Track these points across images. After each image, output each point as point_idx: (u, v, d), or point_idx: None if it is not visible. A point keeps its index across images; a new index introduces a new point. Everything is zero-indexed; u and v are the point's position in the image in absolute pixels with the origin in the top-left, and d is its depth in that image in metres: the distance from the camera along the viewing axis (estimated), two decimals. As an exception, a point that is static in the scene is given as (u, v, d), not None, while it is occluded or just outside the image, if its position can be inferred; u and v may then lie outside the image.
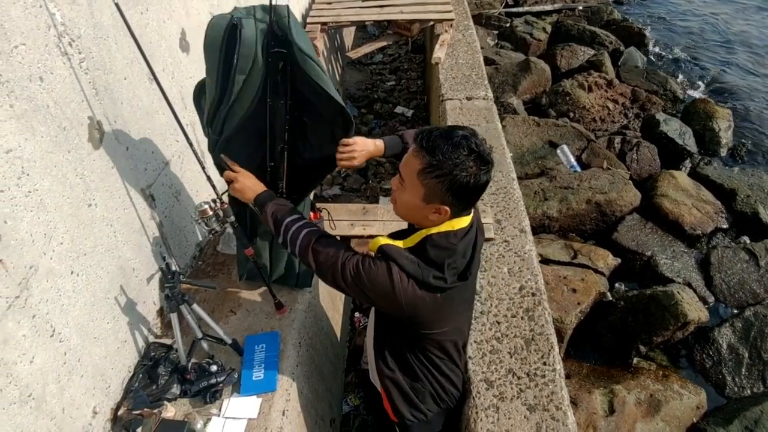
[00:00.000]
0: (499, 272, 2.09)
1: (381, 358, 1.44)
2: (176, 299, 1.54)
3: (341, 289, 1.28)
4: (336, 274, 1.24)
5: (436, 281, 1.20)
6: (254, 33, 1.36)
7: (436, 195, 1.16)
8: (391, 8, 4.22)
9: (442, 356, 1.40)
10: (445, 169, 1.12)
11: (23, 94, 1.24)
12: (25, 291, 1.24)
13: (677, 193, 4.04)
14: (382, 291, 1.20)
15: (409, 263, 1.19)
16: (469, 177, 1.13)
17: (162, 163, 1.92)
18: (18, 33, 1.22)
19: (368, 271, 1.20)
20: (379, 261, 1.21)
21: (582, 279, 3.32)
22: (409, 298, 1.19)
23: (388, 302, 1.22)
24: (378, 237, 1.27)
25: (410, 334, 1.33)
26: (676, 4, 8.73)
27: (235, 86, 1.40)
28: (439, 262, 1.20)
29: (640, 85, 5.54)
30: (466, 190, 1.16)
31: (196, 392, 1.63)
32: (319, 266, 1.29)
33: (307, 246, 1.30)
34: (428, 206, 1.19)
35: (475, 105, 3.19)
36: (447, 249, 1.21)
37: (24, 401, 1.22)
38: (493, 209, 2.38)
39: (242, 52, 1.36)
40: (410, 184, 1.19)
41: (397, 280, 1.18)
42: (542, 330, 1.87)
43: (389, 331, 1.41)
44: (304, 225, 1.35)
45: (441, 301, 1.24)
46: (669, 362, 3.15)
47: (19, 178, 1.23)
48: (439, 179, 1.14)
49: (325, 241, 1.30)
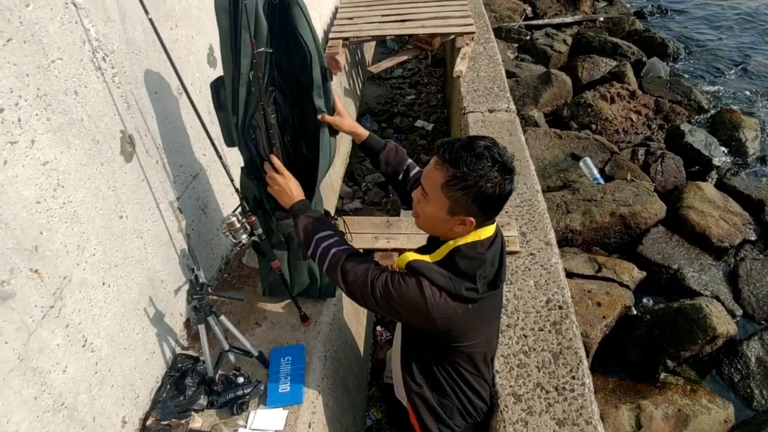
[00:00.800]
0: (525, 285, 2.06)
1: (408, 374, 1.42)
2: (204, 311, 1.55)
3: (371, 308, 1.27)
4: (365, 293, 1.23)
5: (469, 292, 1.19)
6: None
7: (461, 207, 1.15)
8: (413, 23, 4.25)
9: (470, 370, 1.38)
10: (470, 181, 1.12)
11: (59, 107, 1.28)
12: (59, 301, 1.26)
13: (704, 204, 3.95)
14: (414, 307, 1.18)
15: (440, 277, 1.18)
16: (494, 187, 1.13)
17: (190, 176, 1.94)
18: (55, 48, 1.26)
19: (398, 288, 1.19)
20: (408, 277, 1.20)
21: (607, 293, 3.26)
22: (443, 312, 1.18)
23: (421, 318, 1.20)
24: (405, 253, 1.26)
25: (440, 348, 1.32)
26: (699, 16, 8.62)
27: (243, 47, 1.40)
28: (471, 273, 1.19)
29: (664, 96, 5.47)
30: (491, 201, 1.15)
31: (223, 403, 1.63)
32: (347, 286, 1.28)
33: (336, 265, 1.29)
34: (453, 218, 1.18)
35: (497, 117, 3.18)
36: (476, 259, 1.20)
37: (57, 410, 1.23)
38: (518, 222, 2.35)
39: (247, 6, 1.35)
40: (434, 197, 1.18)
41: (429, 294, 1.17)
42: (570, 343, 1.83)
43: (417, 346, 1.39)
44: (333, 243, 1.34)
45: (473, 312, 1.22)
46: (697, 376, 3.08)
47: (55, 189, 1.26)
48: (464, 191, 1.13)
49: (354, 260, 1.29)
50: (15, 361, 1.14)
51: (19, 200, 1.15)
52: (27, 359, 1.16)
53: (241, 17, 1.36)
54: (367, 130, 1.61)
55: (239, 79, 1.44)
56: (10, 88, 1.13)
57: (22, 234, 1.16)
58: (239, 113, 1.50)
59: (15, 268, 1.14)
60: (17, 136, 1.15)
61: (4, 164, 1.12)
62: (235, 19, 1.37)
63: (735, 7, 8.80)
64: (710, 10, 8.69)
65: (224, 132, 1.62)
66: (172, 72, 1.58)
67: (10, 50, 1.13)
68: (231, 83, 1.47)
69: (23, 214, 1.16)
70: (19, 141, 1.16)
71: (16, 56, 1.15)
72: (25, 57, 1.17)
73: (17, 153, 1.15)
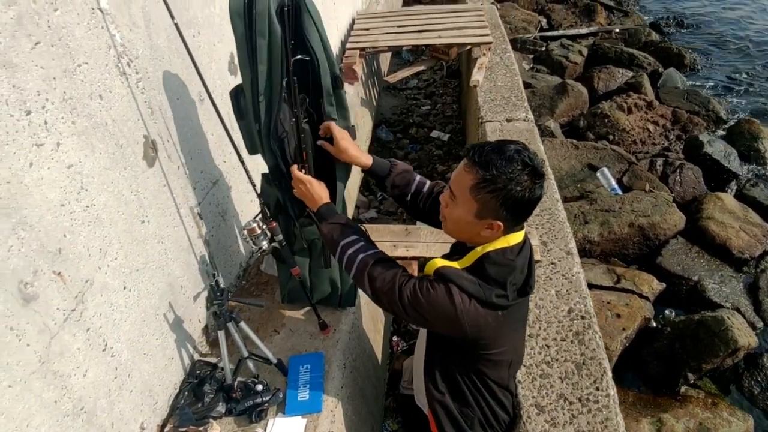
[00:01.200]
0: (547, 295, 2.02)
1: (431, 381, 1.39)
2: (224, 317, 1.54)
3: (398, 315, 1.25)
4: (393, 299, 1.21)
5: (499, 299, 1.16)
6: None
7: (489, 210, 1.13)
8: (429, 33, 4.26)
9: (495, 379, 1.34)
10: (500, 184, 1.10)
11: (84, 111, 1.28)
12: (80, 304, 1.26)
13: (724, 215, 3.88)
14: (444, 314, 1.16)
15: (470, 284, 1.16)
16: (524, 191, 1.11)
17: (210, 182, 1.95)
18: (81, 52, 1.27)
19: (427, 295, 1.17)
20: (437, 283, 1.17)
21: (626, 304, 3.20)
22: (472, 319, 1.16)
23: (450, 325, 1.18)
24: (434, 259, 1.24)
25: (466, 355, 1.29)
26: (717, 29, 8.56)
27: (258, 53, 1.39)
28: (501, 279, 1.17)
29: (681, 106, 5.41)
30: (520, 205, 1.13)
31: (242, 411, 1.61)
32: (374, 292, 1.26)
33: (363, 271, 1.27)
34: (481, 222, 1.16)
35: (515, 126, 3.16)
36: (506, 266, 1.18)
37: (77, 414, 1.22)
38: (539, 231, 2.32)
39: (258, 10, 1.35)
40: (462, 200, 1.17)
41: (459, 301, 1.14)
42: (594, 354, 1.79)
43: (442, 353, 1.36)
44: (359, 249, 1.32)
45: (502, 319, 1.20)
46: (717, 389, 3.01)
47: (79, 192, 1.26)
48: (493, 194, 1.11)
49: (381, 266, 1.27)
50: (36, 364, 1.13)
51: (44, 202, 1.16)
52: (48, 362, 1.16)
53: (257, 23, 1.36)
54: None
55: (258, 86, 1.44)
56: (37, 90, 1.14)
57: (46, 236, 1.16)
58: (261, 120, 1.50)
59: (38, 270, 1.14)
60: (43, 139, 1.16)
61: (30, 166, 1.12)
62: (250, 24, 1.37)
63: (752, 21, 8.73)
64: (727, 23, 8.62)
65: (246, 140, 1.60)
66: (194, 78, 1.59)
67: (38, 53, 1.14)
68: (251, 90, 1.47)
69: (47, 217, 1.17)
70: (45, 143, 1.16)
71: (43, 59, 1.15)
72: (53, 60, 1.18)
73: (43, 155, 1.16)
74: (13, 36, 1.08)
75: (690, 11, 9.19)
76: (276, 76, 1.44)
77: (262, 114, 1.48)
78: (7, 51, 1.06)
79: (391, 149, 4.86)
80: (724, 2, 9.56)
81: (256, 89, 1.44)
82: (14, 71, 1.08)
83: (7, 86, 1.07)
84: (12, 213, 1.08)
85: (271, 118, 1.50)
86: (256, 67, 1.41)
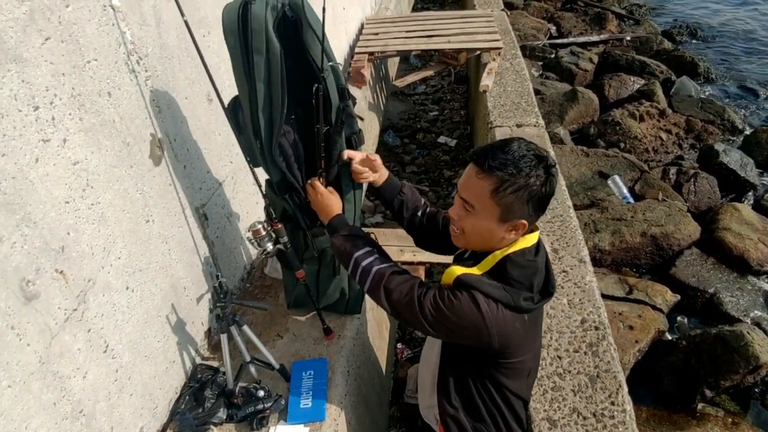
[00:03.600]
0: (559, 303, 1.97)
1: (444, 395, 1.33)
2: (227, 319, 1.51)
3: (419, 329, 1.21)
4: (413, 313, 1.17)
5: (527, 303, 1.13)
6: (263, 8, 1.30)
7: (513, 211, 1.11)
8: (439, 38, 4.24)
9: (513, 390, 1.28)
10: (521, 182, 1.08)
11: (92, 108, 1.26)
12: (82, 304, 1.23)
13: (741, 226, 3.80)
14: (470, 323, 1.12)
15: (494, 289, 1.12)
16: (543, 184, 1.10)
17: (216, 183, 1.92)
18: (91, 49, 1.25)
19: (450, 306, 1.13)
20: (459, 292, 1.13)
21: (639, 316, 3.13)
22: (501, 326, 1.12)
23: (477, 335, 1.13)
24: (451, 267, 1.19)
25: (486, 365, 1.23)
26: (730, 38, 8.48)
27: (255, 70, 1.34)
28: (526, 282, 1.14)
29: (695, 115, 5.33)
30: (542, 198, 1.12)
31: (243, 417, 1.57)
32: (392, 306, 1.22)
33: (379, 285, 1.24)
34: (505, 225, 1.13)
35: (525, 132, 3.12)
36: (529, 267, 1.15)
37: (75, 417, 1.19)
38: (550, 237, 2.28)
39: (254, 27, 1.30)
40: (482, 208, 1.13)
41: (485, 309, 1.10)
42: (608, 367, 1.73)
43: (458, 364, 1.30)
44: (374, 261, 1.28)
45: (528, 324, 1.17)
46: (737, 408, 2.90)
47: (84, 190, 1.24)
48: (517, 193, 1.09)
49: (397, 278, 1.23)
50: (36, 364, 1.11)
51: (49, 199, 1.14)
52: (48, 363, 1.13)
53: (252, 39, 1.31)
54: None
55: (257, 103, 1.39)
56: (46, 86, 1.13)
57: (50, 233, 1.14)
58: (262, 137, 1.45)
59: (41, 268, 1.11)
60: (50, 135, 1.14)
61: (35, 162, 1.10)
62: (246, 42, 1.32)
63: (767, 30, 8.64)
64: (741, 33, 8.54)
65: (246, 154, 1.56)
66: (203, 78, 1.57)
67: (48, 49, 1.13)
68: (249, 107, 1.42)
69: (52, 214, 1.14)
70: (52, 139, 1.15)
71: (53, 55, 1.14)
72: (62, 56, 1.17)
73: (49, 151, 1.14)
74: (24, 31, 1.06)
75: (703, 20, 9.11)
76: (276, 93, 1.39)
77: (262, 131, 1.44)
78: (18, 46, 1.05)
79: (398, 154, 4.84)
80: (738, 12, 9.48)
81: (255, 106, 1.40)
82: (24, 66, 1.07)
83: (17, 81, 1.05)
84: (16, 209, 1.06)
85: (272, 135, 1.45)
86: (254, 84, 1.37)
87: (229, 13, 1.33)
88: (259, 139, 1.46)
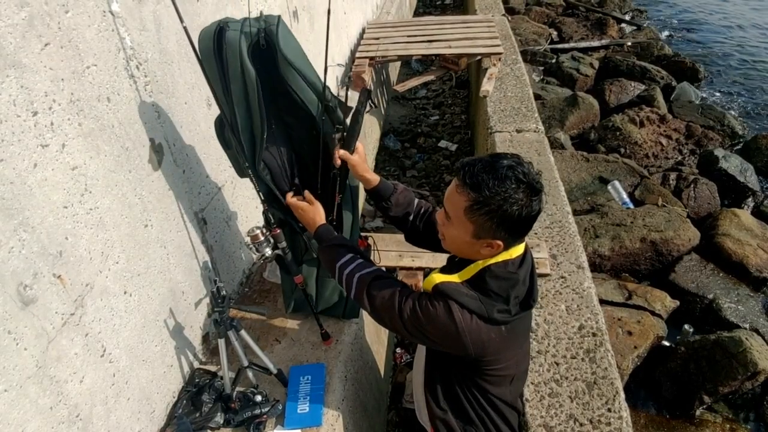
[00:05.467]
0: (556, 310, 1.97)
1: (433, 398, 1.34)
2: (225, 324, 1.51)
3: (400, 333, 1.22)
4: (393, 318, 1.18)
5: (501, 315, 1.12)
6: (237, 35, 1.30)
7: (486, 231, 1.09)
8: (439, 43, 4.26)
9: (497, 395, 1.29)
10: (494, 205, 1.05)
11: (91, 113, 1.27)
12: (80, 309, 1.24)
13: (740, 232, 3.80)
14: (445, 332, 1.12)
15: (470, 300, 1.11)
16: (521, 209, 1.05)
17: (215, 188, 1.93)
18: (91, 54, 1.26)
19: (427, 314, 1.13)
20: (437, 301, 1.13)
21: (638, 321, 3.13)
22: (475, 335, 1.11)
23: (453, 342, 1.14)
24: (432, 274, 1.19)
25: (468, 370, 1.24)
26: (731, 44, 8.49)
27: (234, 96, 1.36)
28: (503, 294, 1.12)
29: (695, 121, 5.35)
30: (518, 223, 1.08)
31: (240, 422, 1.57)
32: (375, 311, 1.24)
33: (362, 291, 1.25)
34: (479, 242, 1.12)
35: (525, 137, 3.12)
36: (508, 279, 1.13)
37: (72, 421, 1.20)
38: (548, 243, 2.28)
39: (228, 55, 1.31)
40: (457, 221, 1.13)
41: (459, 319, 1.10)
42: (605, 373, 1.73)
43: (443, 370, 1.31)
44: (356, 267, 1.29)
45: (506, 334, 1.15)
46: (736, 414, 2.89)
47: (82, 195, 1.25)
48: (488, 215, 1.07)
49: (379, 283, 1.24)
50: (33, 368, 1.11)
51: (47, 204, 1.14)
52: (45, 367, 1.13)
53: (228, 66, 1.32)
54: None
55: (237, 125, 1.42)
56: (45, 91, 1.13)
57: (48, 238, 1.14)
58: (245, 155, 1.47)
59: (38, 273, 1.12)
60: (49, 140, 1.14)
61: (34, 167, 1.11)
62: (222, 67, 1.33)
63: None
64: (742, 40, 8.56)
65: (235, 166, 1.61)
66: (202, 83, 1.58)
67: (47, 54, 1.13)
68: (230, 127, 1.44)
69: (50, 218, 1.15)
70: (50, 144, 1.15)
71: (52, 60, 1.15)
72: (62, 62, 1.18)
73: (48, 156, 1.14)
74: (23, 37, 1.07)
75: (705, 27, 9.14)
76: (255, 115, 1.40)
77: (245, 150, 1.47)
78: (17, 51, 1.06)
79: (399, 158, 4.84)
80: (740, 19, 9.50)
81: (237, 127, 1.43)
82: (23, 72, 1.07)
83: (16, 86, 1.06)
84: (14, 214, 1.06)
85: (255, 153, 1.48)
86: (233, 108, 1.39)
87: (204, 39, 1.33)
88: (242, 156, 1.48)
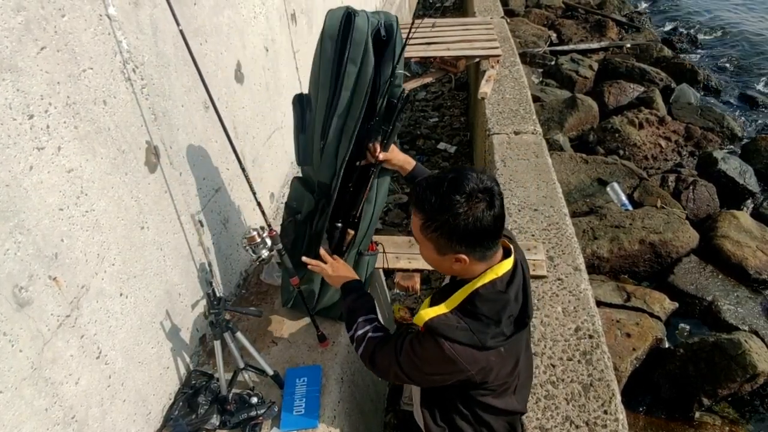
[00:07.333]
0: (553, 312, 1.97)
1: (430, 415, 1.34)
2: (221, 326, 1.51)
3: (410, 383, 1.29)
4: (399, 376, 1.24)
5: (495, 340, 1.12)
6: (366, 22, 1.38)
7: (444, 247, 1.10)
8: (438, 45, 4.27)
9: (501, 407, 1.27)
10: (439, 221, 1.06)
11: (87, 116, 1.28)
12: (75, 310, 1.24)
13: (740, 234, 3.80)
14: (446, 370, 1.14)
15: (462, 333, 1.10)
16: (467, 221, 1.04)
17: (212, 189, 1.93)
18: (87, 57, 1.27)
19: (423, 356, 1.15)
20: (428, 341, 1.13)
21: (637, 323, 3.13)
22: (474, 365, 1.12)
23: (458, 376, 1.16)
24: (420, 311, 1.16)
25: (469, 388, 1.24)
26: (731, 45, 8.49)
27: (345, 78, 1.41)
28: (495, 317, 1.11)
29: (694, 122, 5.34)
30: (470, 234, 1.06)
31: (236, 424, 1.57)
32: (378, 371, 1.32)
33: (367, 355, 1.31)
34: (446, 257, 1.13)
35: (523, 139, 3.13)
36: (498, 300, 1.12)
37: (67, 423, 1.20)
38: (545, 245, 2.28)
39: (355, 38, 1.37)
40: (420, 241, 1.16)
41: (453, 354, 1.10)
42: (602, 375, 1.73)
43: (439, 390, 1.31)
44: (369, 330, 1.34)
45: (505, 354, 1.16)
46: (735, 416, 2.89)
47: (78, 197, 1.25)
48: (438, 232, 1.08)
49: (383, 348, 1.28)
50: (28, 370, 1.11)
51: (43, 206, 1.15)
52: (40, 369, 1.14)
53: (350, 50, 1.37)
54: None
55: (336, 108, 1.45)
56: (41, 95, 1.14)
57: (43, 240, 1.15)
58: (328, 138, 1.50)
59: (34, 275, 1.12)
60: (44, 143, 1.15)
61: (29, 170, 1.11)
62: (342, 50, 1.39)
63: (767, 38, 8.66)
64: (741, 41, 8.56)
65: (300, 151, 1.62)
66: (199, 86, 1.58)
67: (43, 58, 1.14)
68: (325, 109, 1.48)
69: (45, 221, 1.15)
70: (46, 147, 1.16)
71: (48, 64, 1.15)
72: (58, 65, 1.18)
73: (43, 159, 1.15)
74: (19, 40, 1.08)
75: (704, 28, 9.14)
76: (357, 102, 1.45)
77: (330, 133, 1.49)
78: (14, 55, 1.06)
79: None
80: (739, 19, 9.50)
81: (333, 111, 1.46)
82: (19, 75, 1.08)
83: (12, 90, 1.07)
84: (10, 216, 1.07)
85: (340, 140, 1.51)
86: (340, 92, 1.43)
87: (331, 19, 1.40)
88: (324, 140, 1.51)
